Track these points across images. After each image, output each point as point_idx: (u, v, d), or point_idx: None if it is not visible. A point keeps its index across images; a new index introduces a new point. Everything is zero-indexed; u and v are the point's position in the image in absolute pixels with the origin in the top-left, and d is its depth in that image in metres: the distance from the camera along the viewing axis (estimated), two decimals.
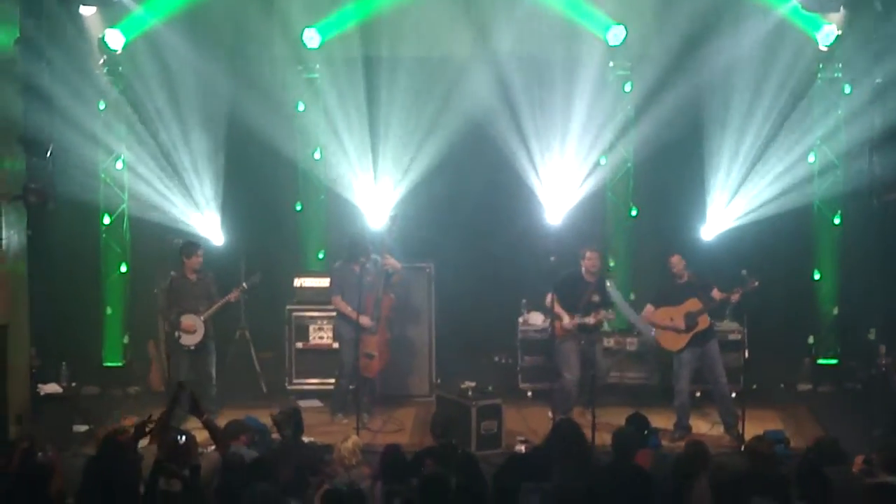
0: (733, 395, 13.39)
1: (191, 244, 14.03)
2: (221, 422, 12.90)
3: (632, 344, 14.83)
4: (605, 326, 14.44)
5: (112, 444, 9.98)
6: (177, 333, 13.68)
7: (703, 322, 13.21)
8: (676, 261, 13.36)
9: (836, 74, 15.30)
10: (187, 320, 13.70)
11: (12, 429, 12.28)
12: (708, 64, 15.09)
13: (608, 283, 14.04)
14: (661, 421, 13.18)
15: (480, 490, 8.92)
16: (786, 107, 15.23)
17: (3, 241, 12.89)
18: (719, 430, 13.36)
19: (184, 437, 9.58)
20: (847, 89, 15.22)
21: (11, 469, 9.58)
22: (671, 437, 13.19)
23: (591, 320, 13.52)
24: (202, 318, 13.77)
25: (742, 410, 12.93)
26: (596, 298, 13.62)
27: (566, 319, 13.53)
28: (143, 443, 11.70)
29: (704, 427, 13.59)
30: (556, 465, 9.77)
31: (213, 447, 10.44)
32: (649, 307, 13.56)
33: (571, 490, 9.16)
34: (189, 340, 13.72)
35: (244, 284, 14.16)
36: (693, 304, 13.23)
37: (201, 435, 10.53)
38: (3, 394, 12.41)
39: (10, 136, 13.17)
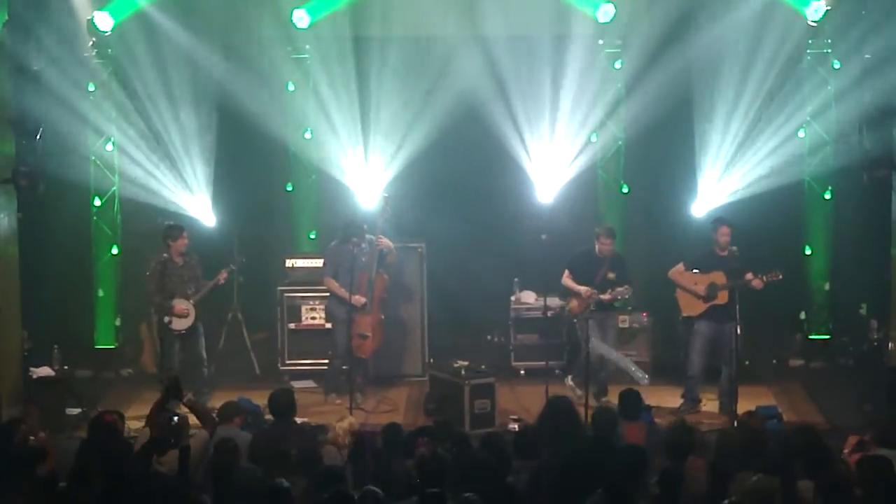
0: None
1: (174, 227, 13.95)
2: (215, 403, 12.97)
3: (623, 321, 14.82)
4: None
5: (101, 426, 10.01)
6: (167, 318, 13.63)
7: (723, 297, 13.21)
8: (725, 231, 13.36)
9: (825, 50, 15.28)
10: (179, 304, 13.66)
11: (5, 411, 12.25)
12: (698, 40, 15.07)
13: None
14: (653, 397, 13.17)
15: (474, 468, 8.91)
16: (776, 83, 15.20)
17: None
18: (714, 406, 13.42)
19: (176, 418, 9.60)
20: (836, 64, 15.20)
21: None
22: (679, 409, 13.23)
23: (606, 297, 13.52)
24: (192, 301, 13.74)
25: (735, 387, 12.98)
26: (611, 276, 13.61)
27: (583, 289, 13.52)
28: (137, 425, 11.82)
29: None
30: (547, 443, 9.78)
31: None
32: (680, 265, 13.58)
33: (554, 467, 9.18)
34: (180, 325, 13.69)
35: (232, 266, 14.12)
36: (719, 277, 13.25)
37: (193, 417, 10.53)
38: None
39: None
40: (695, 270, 13.49)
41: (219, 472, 8.87)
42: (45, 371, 13.67)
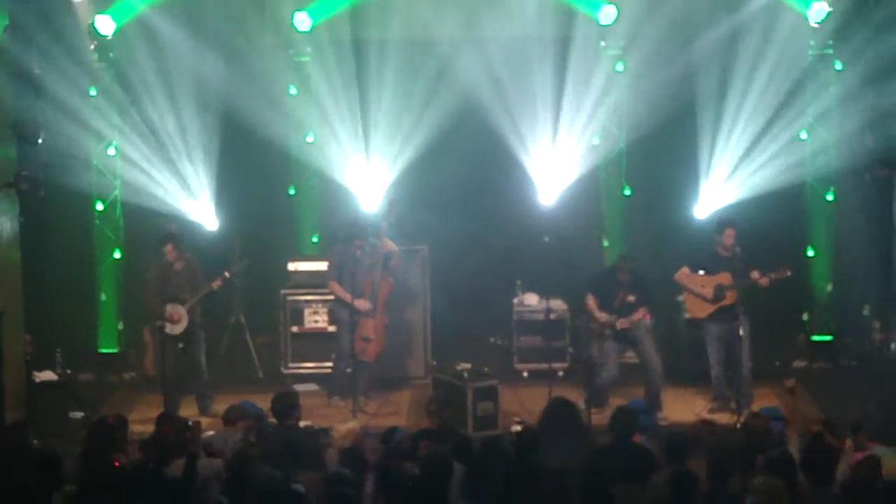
0: None
1: (163, 235, 13.91)
2: (218, 407, 13.02)
3: (624, 324, 14.78)
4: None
5: (103, 429, 10.01)
6: (160, 323, 13.62)
7: (731, 297, 13.20)
8: (730, 233, 13.34)
9: (827, 51, 15.28)
10: (171, 309, 13.60)
11: (8, 415, 12.25)
12: (700, 42, 15.09)
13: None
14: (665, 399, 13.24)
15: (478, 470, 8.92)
16: (778, 85, 15.18)
17: None
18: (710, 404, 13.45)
19: (189, 424, 9.61)
20: (839, 66, 15.21)
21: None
22: (709, 409, 13.20)
23: (623, 325, 13.35)
24: (186, 307, 13.71)
25: (737, 388, 12.98)
26: (631, 298, 13.46)
27: (603, 317, 13.41)
28: (140, 429, 11.85)
29: (700, 405, 13.62)
30: (549, 444, 9.79)
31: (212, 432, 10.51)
32: (685, 269, 13.57)
33: (567, 469, 9.20)
34: (174, 330, 13.66)
35: (226, 273, 14.01)
36: (725, 278, 13.24)
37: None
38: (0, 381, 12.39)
39: (1, 123, 13.13)
40: (700, 272, 13.48)
41: (236, 473, 8.87)
42: (47, 375, 13.67)
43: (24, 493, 8.73)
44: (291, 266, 15.27)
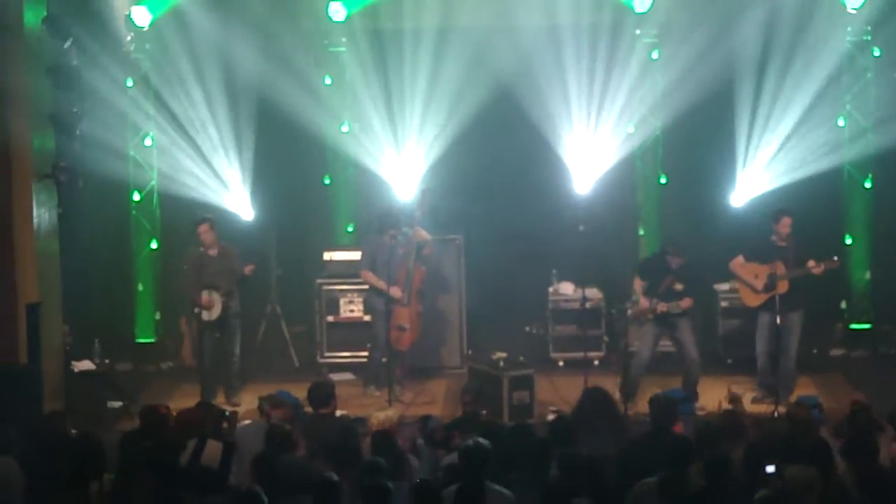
0: None
1: (200, 217, 13.98)
2: (248, 396, 13.12)
3: (663, 307, 14.74)
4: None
5: (154, 416, 10.08)
6: (197, 309, 13.70)
7: (783, 287, 13.06)
8: (786, 222, 13.22)
9: (865, 38, 15.18)
10: (205, 296, 13.67)
11: (48, 405, 12.35)
12: (736, 29, 14.99)
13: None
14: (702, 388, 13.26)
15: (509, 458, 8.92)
16: (816, 71, 15.09)
17: (35, 220, 12.95)
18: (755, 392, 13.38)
19: (227, 413, 9.65)
20: (876, 52, 15.11)
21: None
22: (753, 399, 13.17)
23: (661, 308, 13.26)
24: (220, 293, 13.77)
25: (779, 377, 12.95)
26: (679, 287, 13.33)
27: (643, 302, 13.38)
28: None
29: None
30: (585, 433, 9.77)
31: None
32: (740, 258, 13.49)
33: (604, 458, 9.20)
34: (208, 316, 13.73)
35: (252, 266, 14.10)
36: (779, 267, 13.11)
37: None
38: (39, 371, 12.49)
39: (39, 115, 13.21)
40: (755, 263, 13.36)
41: (267, 461, 8.91)
42: (86, 365, 13.78)
43: (63, 481, 8.79)
44: (327, 255, 15.31)
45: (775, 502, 7.95)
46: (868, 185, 15.42)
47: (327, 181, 15.97)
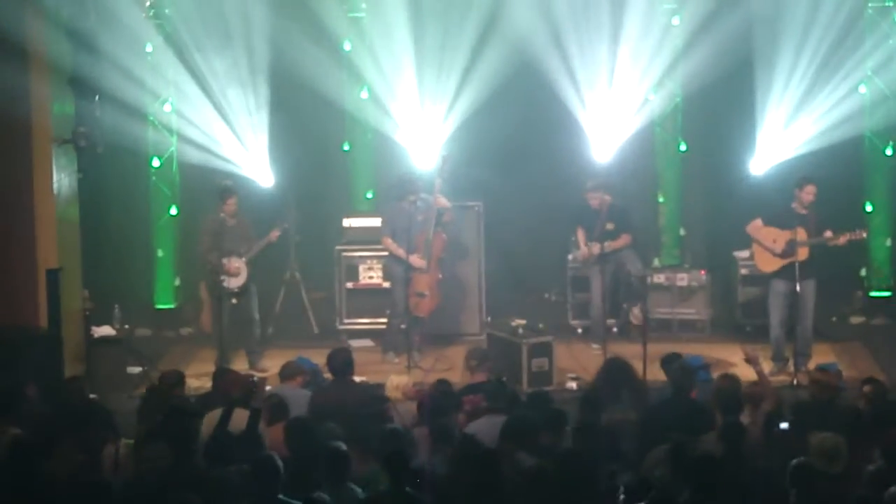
0: None
1: (225, 189, 13.93)
2: (269, 363, 13.16)
3: (682, 279, 14.76)
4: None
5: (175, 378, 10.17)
6: (220, 276, 13.69)
7: (802, 254, 12.97)
8: (810, 189, 13.09)
9: (887, 3, 15.08)
10: (232, 262, 13.69)
11: (68, 369, 12.42)
12: None
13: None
14: (712, 354, 13.24)
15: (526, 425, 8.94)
16: (836, 38, 15.01)
17: (55, 185, 12.98)
18: (769, 365, 13.32)
19: (256, 380, 9.67)
20: None
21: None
22: (770, 373, 13.14)
23: (596, 249, 13.85)
24: (244, 259, 13.79)
25: (794, 344, 12.92)
26: (610, 226, 13.84)
27: (583, 248, 14.05)
28: (196, 384, 12.01)
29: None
30: (609, 402, 9.82)
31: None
32: (758, 220, 13.41)
33: (623, 423, 9.24)
34: (233, 283, 13.73)
35: (284, 224, 14.16)
36: (799, 234, 13.02)
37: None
38: (59, 336, 12.54)
39: (59, 80, 13.21)
40: (773, 228, 13.30)
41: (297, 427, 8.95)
42: (105, 330, 13.83)
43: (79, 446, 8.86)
44: (346, 222, 15.29)
45: (809, 470, 7.88)
46: (889, 152, 15.35)
47: (347, 147, 15.96)
